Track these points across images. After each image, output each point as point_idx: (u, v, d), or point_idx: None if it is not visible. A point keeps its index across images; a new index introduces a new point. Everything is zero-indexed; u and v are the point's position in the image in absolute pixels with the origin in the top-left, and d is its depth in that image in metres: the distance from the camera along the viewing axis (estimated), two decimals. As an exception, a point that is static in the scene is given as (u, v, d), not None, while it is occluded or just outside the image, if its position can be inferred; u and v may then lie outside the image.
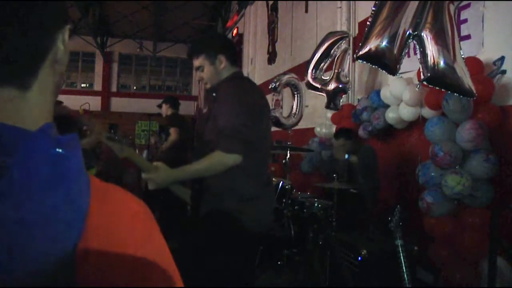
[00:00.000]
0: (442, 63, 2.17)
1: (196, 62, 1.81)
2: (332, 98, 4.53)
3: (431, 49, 2.18)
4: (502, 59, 2.84)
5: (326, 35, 4.61)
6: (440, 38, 2.17)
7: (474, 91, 2.32)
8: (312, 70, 4.49)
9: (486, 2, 3.00)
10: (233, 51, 1.87)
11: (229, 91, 1.72)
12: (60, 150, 0.37)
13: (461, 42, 3.11)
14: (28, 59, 0.38)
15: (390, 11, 2.17)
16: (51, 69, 0.42)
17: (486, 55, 2.93)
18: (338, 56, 4.58)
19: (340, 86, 4.49)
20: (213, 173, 1.62)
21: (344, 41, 4.63)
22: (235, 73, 1.82)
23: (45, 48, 0.40)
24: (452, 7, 2.23)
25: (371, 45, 2.18)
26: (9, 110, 0.37)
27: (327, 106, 4.59)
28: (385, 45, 2.16)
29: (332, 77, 4.52)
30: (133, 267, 0.38)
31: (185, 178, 1.71)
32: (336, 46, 4.49)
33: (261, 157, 1.72)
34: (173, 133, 4.53)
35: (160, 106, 5.00)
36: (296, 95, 5.15)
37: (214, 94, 1.78)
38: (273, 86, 5.10)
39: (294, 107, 5.21)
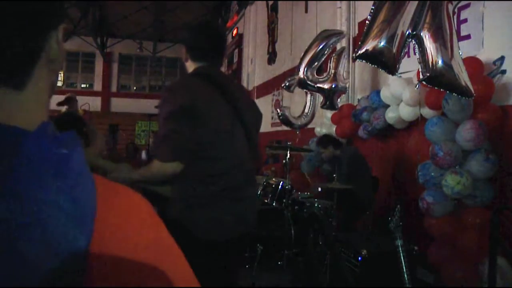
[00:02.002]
0: (440, 63, 2.17)
1: None
2: (329, 98, 4.52)
3: (430, 49, 2.18)
4: (502, 59, 2.84)
5: (319, 33, 4.60)
6: (439, 38, 2.17)
7: (473, 91, 2.32)
8: (304, 68, 4.47)
9: (486, 2, 3.00)
10: (197, 44, 1.65)
11: (165, 92, 1.58)
12: (62, 150, 0.37)
13: (461, 42, 3.12)
14: (21, 59, 0.38)
15: (389, 10, 2.17)
16: (46, 69, 0.41)
17: (486, 55, 2.93)
18: (334, 56, 4.57)
19: (337, 86, 4.48)
20: (156, 180, 1.55)
21: (339, 40, 4.62)
22: (196, 69, 1.64)
23: (38, 47, 0.40)
24: (450, 7, 2.23)
25: (370, 44, 2.18)
26: (4, 110, 0.37)
27: (323, 106, 4.59)
28: (384, 44, 2.16)
29: (329, 76, 4.50)
30: (144, 267, 0.37)
31: (137, 180, 1.62)
32: (329, 45, 4.47)
33: (214, 162, 1.52)
34: None
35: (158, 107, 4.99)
36: (309, 95, 5.09)
37: None
38: (286, 85, 5.07)
39: (307, 107, 5.15)
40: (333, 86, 4.45)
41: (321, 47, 4.40)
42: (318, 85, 4.49)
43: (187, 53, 1.66)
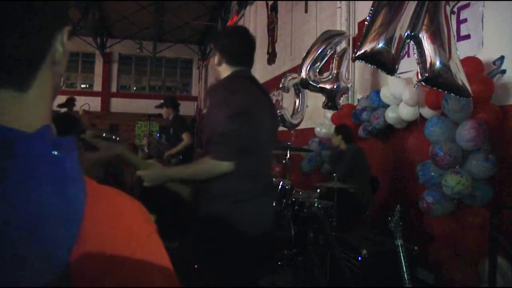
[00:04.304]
0: (438, 63, 2.18)
1: None
2: (332, 98, 4.52)
3: (428, 49, 2.18)
4: (501, 58, 2.84)
5: (322, 34, 4.61)
6: (437, 39, 2.17)
7: (470, 91, 2.32)
8: (307, 68, 4.47)
9: (485, 2, 3.00)
10: (232, 48, 1.69)
11: (217, 93, 1.63)
12: (56, 153, 0.37)
13: (461, 42, 3.12)
14: (26, 61, 0.38)
15: (388, 12, 2.17)
16: (50, 71, 0.41)
17: (486, 55, 2.93)
18: (336, 56, 4.57)
19: (340, 86, 4.48)
20: (205, 178, 1.57)
21: (342, 41, 4.63)
22: (235, 72, 1.67)
23: (43, 49, 0.40)
24: (448, 8, 2.23)
25: (369, 45, 2.18)
26: (8, 112, 0.37)
27: (325, 106, 4.60)
28: (382, 45, 2.16)
29: (332, 76, 4.51)
30: (130, 270, 0.38)
31: (177, 179, 1.66)
32: (332, 45, 4.47)
33: (258, 160, 1.61)
34: (186, 137, 4.60)
35: (159, 107, 5.00)
36: (299, 95, 5.13)
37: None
38: (284, 85, 5.10)
39: (297, 107, 5.19)
40: (335, 86, 4.45)
41: (323, 47, 4.41)
42: (321, 85, 4.49)
43: (223, 58, 1.68)
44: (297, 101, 5.19)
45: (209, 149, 1.55)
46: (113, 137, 1.68)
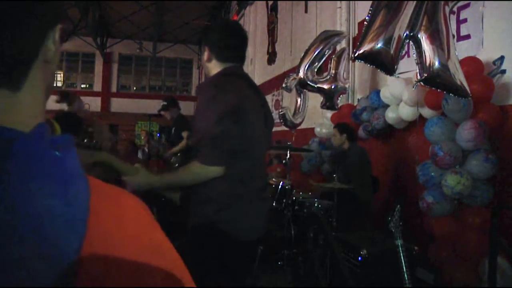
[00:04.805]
0: (437, 64, 2.18)
1: None
2: (330, 98, 4.53)
3: (427, 50, 2.18)
4: (501, 58, 2.84)
5: (320, 34, 4.61)
6: (436, 40, 2.18)
7: (469, 91, 2.32)
8: (305, 68, 4.47)
9: (485, 2, 3.00)
10: (222, 44, 1.58)
11: (205, 92, 1.53)
12: (56, 152, 0.37)
13: (461, 42, 3.12)
14: (17, 60, 0.38)
15: (387, 12, 2.17)
16: (42, 70, 0.41)
17: (486, 55, 2.93)
18: (334, 57, 4.58)
19: (338, 86, 4.49)
20: (193, 183, 1.50)
21: (341, 41, 4.63)
22: (225, 69, 1.58)
23: (35, 48, 0.39)
24: (447, 8, 2.24)
25: (369, 45, 2.18)
26: (1, 111, 0.37)
27: (323, 106, 4.60)
28: (381, 46, 2.16)
29: (329, 77, 4.51)
30: (133, 270, 0.37)
31: (164, 185, 1.57)
32: (330, 46, 4.48)
33: (250, 163, 1.53)
34: (186, 136, 4.62)
35: (163, 109, 4.97)
36: (301, 95, 5.13)
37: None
38: (286, 85, 5.12)
39: (298, 106, 5.19)
40: (333, 86, 4.46)
41: (321, 47, 4.41)
42: (319, 85, 4.50)
43: (212, 54, 1.59)
44: (299, 100, 5.18)
45: (198, 152, 1.48)
46: (94, 143, 1.60)
